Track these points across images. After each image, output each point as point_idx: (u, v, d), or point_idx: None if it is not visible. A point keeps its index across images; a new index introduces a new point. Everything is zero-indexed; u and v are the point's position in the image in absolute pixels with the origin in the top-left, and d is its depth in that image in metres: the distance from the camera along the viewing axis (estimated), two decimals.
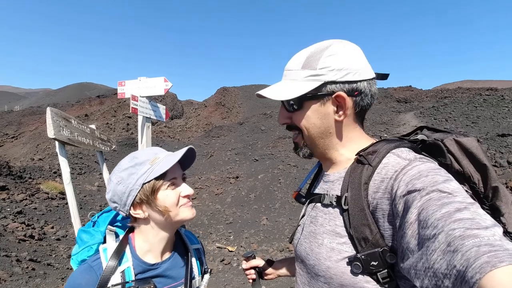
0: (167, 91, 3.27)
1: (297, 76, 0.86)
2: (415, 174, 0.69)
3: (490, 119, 14.46)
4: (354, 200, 0.78)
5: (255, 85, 40.63)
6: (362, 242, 0.75)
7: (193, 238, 1.20)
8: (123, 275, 0.92)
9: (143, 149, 1.00)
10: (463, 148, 0.77)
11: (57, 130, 2.90)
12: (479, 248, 0.46)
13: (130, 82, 3.37)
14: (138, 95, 3.20)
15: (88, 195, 10.65)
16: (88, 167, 13.77)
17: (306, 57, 0.86)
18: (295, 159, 13.28)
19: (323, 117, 0.87)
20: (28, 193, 8.71)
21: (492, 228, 0.51)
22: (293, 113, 0.90)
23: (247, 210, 9.70)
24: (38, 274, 4.91)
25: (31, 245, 6.02)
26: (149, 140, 3.46)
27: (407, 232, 0.62)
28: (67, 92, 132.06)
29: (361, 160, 0.83)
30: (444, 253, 0.51)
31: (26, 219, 7.10)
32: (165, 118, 3.72)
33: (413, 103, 23.46)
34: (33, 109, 37.91)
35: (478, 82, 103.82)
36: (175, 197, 0.94)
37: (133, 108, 3.06)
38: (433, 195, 0.61)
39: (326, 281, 0.82)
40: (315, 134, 0.89)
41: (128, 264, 0.94)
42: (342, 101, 0.84)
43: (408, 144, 0.83)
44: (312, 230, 0.90)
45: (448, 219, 0.54)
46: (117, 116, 26.72)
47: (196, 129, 27.66)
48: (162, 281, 0.98)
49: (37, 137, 24.19)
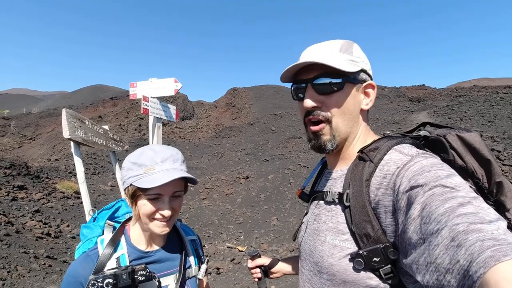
0: (177, 92, 3.33)
1: (336, 57, 0.84)
2: (417, 169, 0.68)
3: (507, 118, 14.01)
4: (356, 197, 0.78)
5: (265, 86, 40.59)
6: (364, 238, 0.75)
7: (188, 230, 1.25)
8: (118, 261, 0.97)
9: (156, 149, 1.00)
10: (466, 143, 0.76)
11: (72, 131, 3.00)
12: (483, 243, 0.46)
13: (141, 83, 3.45)
14: (149, 96, 3.27)
15: (101, 195, 10.90)
16: (102, 167, 14.10)
17: (340, 45, 0.87)
18: (305, 160, 13.21)
19: (356, 103, 0.87)
20: (45, 192, 9.01)
21: (496, 222, 0.51)
22: (328, 95, 0.85)
23: (257, 210, 9.72)
24: (54, 270, 5.07)
25: (48, 242, 6.22)
26: (159, 141, 3.52)
27: (409, 227, 0.62)
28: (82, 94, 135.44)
29: (363, 157, 0.83)
30: (447, 248, 0.51)
31: (43, 218, 7.34)
32: (175, 118, 3.78)
33: (426, 102, 22.97)
34: (49, 111, 39.05)
35: (495, 80, 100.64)
36: (150, 210, 0.95)
37: (144, 108, 3.13)
38: (436, 190, 0.61)
39: (329, 277, 0.82)
40: (346, 122, 0.86)
41: (123, 252, 0.99)
42: (371, 90, 0.89)
43: (410, 140, 0.83)
44: (315, 227, 0.91)
45: (451, 214, 0.54)
46: (129, 118, 27.23)
47: (207, 130, 27.87)
48: (156, 268, 1.02)
49: (54, 138, 24.91)
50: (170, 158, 0.99)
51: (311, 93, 0.86)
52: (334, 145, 0.87)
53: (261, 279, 1.31)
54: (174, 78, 3.31)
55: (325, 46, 0.87)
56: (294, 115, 23.40)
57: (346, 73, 0.83)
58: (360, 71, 0.86)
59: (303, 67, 0.87)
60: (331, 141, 0.87)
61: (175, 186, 0.97)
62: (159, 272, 1.02)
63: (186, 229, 1.25)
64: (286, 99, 34.50)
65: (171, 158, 0.99)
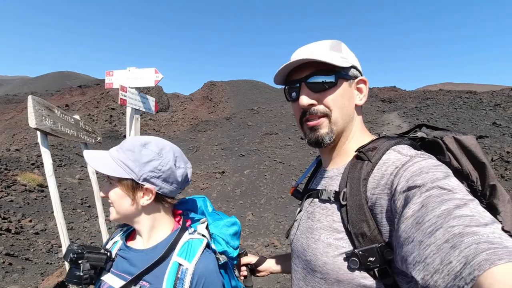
0: (157, 83, 3.18)
1: (327, 55, 0.85)
2: (416, 170, 0.69)
3: (469, 121, 15.01)
4: (353, 196, 0.77)
5: (243, 80, 40.37)
6: (360, 237, 0.74)
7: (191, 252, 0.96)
8: (111, 245, 1.09)
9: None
10: (462, 146, 0.77)
11: (39, 120, 2.78)
12: (478, 245, 0.47)
13: (119, 72, 3.25)
14: (127, 86, 3.09)
15: (68, 188, 10.29)
16: (69, 159, 13.32)
17: (329, 44, 0.89)
18: (281, 156, 13.35)
19: (350, 98, 0.89)
20: (4, 185, 8.33)
21: (491, 225, 0.51)
22: (324, 92, 0.86)
23: (233, 206, 9.70)
24: (15, 269, 4.73)
25: (7, 239, 5.77)
26: (137, 133, 3.36)
27: (401, 226, 0.62)
28: (46, 81, 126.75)
29: (361, 156, 0.83)
30: (439, 249, 0.51)
31: (2, 212, 6.80)
32: (154, 110, 3.63)
33: (397, 103, 24.02)
34: (8, 97, 36.21)
35: (459, 85, 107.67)
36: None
37: (121, 99, 2.95)
38: (433, 192, 0.61)
39: (322, 276, 0.82)
40: (344, 116, 0.88)
41: (118, 239, 1.10)
42: (363, 85, 0.92)
43: (408, 141, 0.84)
44: (309, 225, 0.90)
45: (447, 216, 0.55)
46: (99, 108, 25.91)
47: (182, 123, 27.25)
48: (123, 266, 1.00)
49: (13, 127, 23.11)
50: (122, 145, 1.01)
51: (306, 92, 0.87)
52: (331, 138, 0.88)
53: (247, 277, 1.30)
54: (155, 68, 3.15)
55: (315, 46, 0.89)
56: (271, 111, 23.51)
57: (338, 69, 0.85)
58: (351, 67, 0.88)
59: (295, 67, 0.89)
60: (328, 134, 0.87)
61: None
62: (121, 271, 1.00)
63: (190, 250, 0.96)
64: (263, 94, 34.59)
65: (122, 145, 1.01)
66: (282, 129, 17.56)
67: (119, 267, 1.01)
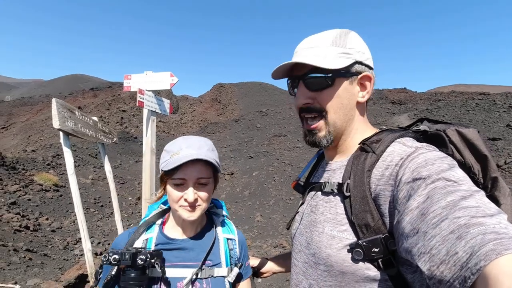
0: (173, 86, 3.32)
1: (326, 52, 0.83)
2: (421, 162, 0.68)
3: (481, 123, 14.78)
4: (357, 187, 0.77)
5: (251, 82, 40.55)
6: (364, 228, 0.74)
7: (230, 228, 1.19)
8: (145, 242, 1.04)
9: (186, 137, 1.04)
10: (465, 138, 0.77)
11: (62, 121, 2.95)
12: (484, 236, 0.46)
13: (137, 76, 3.42)
14: (144, 89, 3.24)
15: (82, 188, 10.56)
16: (82, 160, 13.67)
17: (333, 37, 0.85)
18: (290, 157, 13.39)
19: (350, 97, 0.86)
20: (21, 184, 8.65)
21: (497, 215, 0.51)
22: (320, 92, 0.85)
23: (242, 207, 9.78)
24: (35, 263, 4.93)
25: (26, 235, 6.01)
26: (153, 134, 3.51)
27: (405, 217, 0.62)
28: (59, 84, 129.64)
29: (365, 148, 0.83)
30: (445, 240, 0.51)
31: (21, 210, 7.08)
32: (169, 112, 3.78)
33: (407, 105, 23.79)
34: (24, 100, 37.25)
35: (471, 86, 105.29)
36: (175, 195, 0.98)
37: (139, 101, 3.10)
38: (438, 184, 0.61)
39: (326, 269, 0.81)
40: (341, 116, 0.86)
41: (152, 235, 1.06)
42: (368, 82, 0.87)
43: (411, 134, 0.84)
44: (312, 219, 0.89)
45: (453, 207, 0.55)
46: (111, 110, 26.47)
47: (191, 125, 27.56)
48: (180, 256, 1.03)
49: (28, 129, 23.84)
50: (196, 144, 0.99)
51: (303, 90, 0.87)
52: (329, 141, 0.88)
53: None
54: (170, 72, 3.30)
55: (317, 40, 0.86)
56: (279, 113, 23.58)
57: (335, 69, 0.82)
58: (354, 63, 0.84)
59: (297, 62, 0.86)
60: (326, 137, 0.87)
61: (199, 172, 0.98)
62: (180, 261, 1.02)
63: (228, 227, 1.19)
64: (272, 96, 34.66)
65: (197, 144, 0.99)
66: (290, 131, 17.61)
67: (176, 258, 1.02)
